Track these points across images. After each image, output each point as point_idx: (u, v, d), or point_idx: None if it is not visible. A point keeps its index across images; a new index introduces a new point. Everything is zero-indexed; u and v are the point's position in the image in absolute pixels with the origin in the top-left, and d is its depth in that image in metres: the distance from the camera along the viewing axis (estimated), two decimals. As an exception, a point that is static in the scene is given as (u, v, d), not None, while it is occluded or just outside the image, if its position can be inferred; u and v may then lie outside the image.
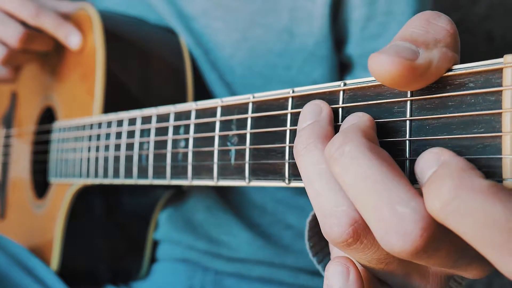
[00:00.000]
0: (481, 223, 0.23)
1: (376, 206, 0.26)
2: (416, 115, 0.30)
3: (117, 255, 0.83)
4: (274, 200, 0.85)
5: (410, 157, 0.30)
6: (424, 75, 0.28)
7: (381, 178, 0.27)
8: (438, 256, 0.27)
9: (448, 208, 0.24)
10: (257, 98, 0.41)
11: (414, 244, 0.26)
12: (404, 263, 0.32)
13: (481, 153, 0.27)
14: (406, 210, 0.26)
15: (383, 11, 0.77)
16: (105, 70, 0.72)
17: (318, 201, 0.31)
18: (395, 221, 0.26)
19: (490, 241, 0.23)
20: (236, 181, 0.42)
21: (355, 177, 0.27)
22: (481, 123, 0.27)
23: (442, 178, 0.25)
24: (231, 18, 0.82)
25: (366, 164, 0.27)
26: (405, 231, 0.26)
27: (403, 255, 0.26)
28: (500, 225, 0.23)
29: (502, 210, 0.23)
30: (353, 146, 0.28)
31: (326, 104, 0.35)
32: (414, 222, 0.25)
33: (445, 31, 0.29)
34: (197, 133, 0.47)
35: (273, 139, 0.39)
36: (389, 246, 0.26)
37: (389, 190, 0.26)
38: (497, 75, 0.27)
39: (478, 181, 0.24)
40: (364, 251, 0.30)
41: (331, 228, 0.30)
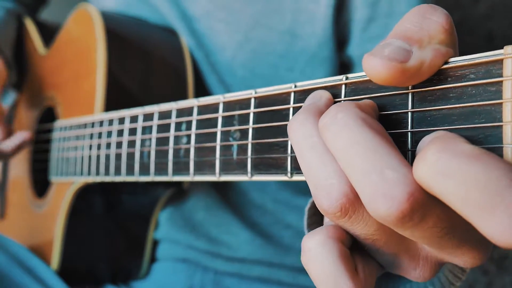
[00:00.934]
0: (462, 183, 0.24)
1: (365, 170, 0.27)
2: (417, 107, 0.31)
3: (117, 254, 0.83)
4: (274, 200, 0.85)
5: (412, 148, 0.31)
6: (416, 75, 0.29)
7: (372, 145, 0.27)
8: (424, 227, 0.28)
9: (431, 169, 0.25)
10: (259, 93, 0.42)
11: (399, 208, 0.26)
12: (392, 241, 0.32)
13: (482, 143, 0.27)
14: (394, 175, 0.26)
15: (385, 13, 0.77)
16: (106, 69, 0.73)
17: (310, 174, 0.31)
18: (382, 184, 0.26)
19: (471, 201, 0.23)
20: (238, 176, 0.43)
21: (346, 142, 0.28)
22: (482, 114, 0.28)
23: (429, 144, 0.26)
24: (233, 19, 0.82)
25: (358, 130, 0.28)
26: (392, 195, 0.26)
27: (388, 220, 0.27)
28: (480, 185, 0.23)
29: (483, 170, 0.23)
30: (346, 114, 0.29)
31: (327, 93, 0.36)
32: (401, 186, 0.26)
33: (440, 26, 0.29)
34: (199, 129, 0.47)
35: (275, 134, 0.40)
36: (375, 210, 0.27)
37: (379, 156, 0.27)
38: (498, 66, 0.27)
39: (461, 145, 0.25)
40: (353, 225, 0.31)
41: (321, 201, 0.30)
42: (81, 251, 0.80)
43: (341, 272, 0.31)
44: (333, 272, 0.31)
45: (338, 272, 0.31)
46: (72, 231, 0.77)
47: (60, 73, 0.87)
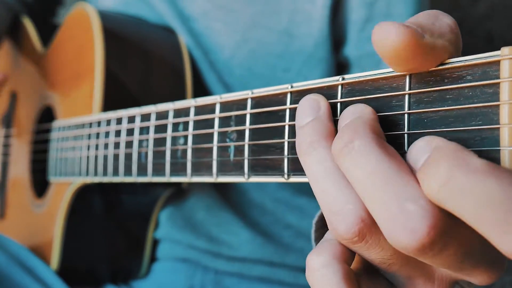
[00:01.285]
0: (478, 201, 0.23)
1: (385, 202, 0.27)
2: (414, 109, 0.30)
3: (117, 254, 0.83)
4: (273, 199, 0.85)
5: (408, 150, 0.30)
6: (425, 55, 0.28)
7: (390, 174, 0.27)
8: (445, 255, 0.27)
9: (445, 188, 0.24)
10: (256, 94, 0.41)
11: (421, 241, 0.26)
12: (407, 266, 0.32)
13: (479, 145, 0.27)
14: (414, 207, 0.26)
15: (382, 13, 0.77)
16: (104, 69, 0.73)
17: (325, 199, 0.31)
18: (403, 217, 0.26)
19: (488, 219, 0.23)
20: (236, 177, 0.42)
21: (365, 173, 0.27)
22: (479, 116, 0.27)
23: (437, 160, 0.25)
24: (231, 19, 0.82)
25: (376, 159, 0.27)
26: (413, 228, 0.26)
27: (409, 252, 0.26)
28: (497, 202, 0.23)
29: (499, 187, 0.23)
30: (362, 141, 0.28)
31: (324, 99, 0.35)
32: (422, 219, 0.26)
33: (449, 27, 0.29)
34: (196, 130, 0.47)
35: (272, 135, 0.39)
36: (396, 242, 0.26)
37: (398, 186, 0.26)
38: (495, 68, 0.27)
39: (473, 160, 0.24)
40: (369, 250, 0.31)
41: (337, 226, 0.30)
42: (81, 251, 0.80)
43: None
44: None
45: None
46: (71, 231, 0.77)
47: (58, 73, 0.87)
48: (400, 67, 0.29)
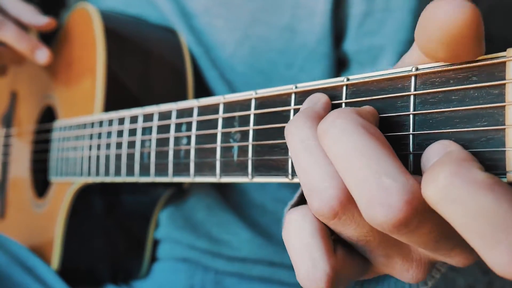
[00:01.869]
0: (470, 212, 0.23)
1: (363, 177, 0.27)
2: (419, 109, 0.31)
3: (117, 254, 0.83)
4: (274, 199, 0.85)
5: (413, 151, 0.31)
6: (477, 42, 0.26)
7: (370, 151, 0.27)
8: (420, 234, 0.28)
9: (441, 193, 0.24)
10: (259, 94, 0.41)
11: (396, 216, 0.26)
12: (385, 243, 0.32)
13: (485, 146, 0.27)
14: (392, 183, 0.26)
15: (381, 8, 0.77)
16: (106, 69, 0.73)
17: (304, 176, 0.31)
18: (380, 192, 0.26)
19: (477, 231, 0.23)
20: (239, 178, 0.42)
21: (344, 148, 0.28)
22: (485, 117, 0.28)
23: (443, 164, 0.25)
24: (233, 15, 0.82)
25: (357, 136, 0.28)
26: (389, 203, 0.26)
27: (384, 227, 0.27)
28: (487, 217, 0.23)
29: (493, 202, 0.23)
30: (345, 119, 0.29)
31: (325, 96, 0.36)
32: (398, 194, 0.26)
33: None
34: (199, 130, 0.47)
35: (276, 135, 0.39)
36: (372, 218, 0.27)
37: (377, 163, 0.27)
38: (500, 69, 0.27)
39: (475, 172, 0.24)
40: (345, 227, 0.31)
41: (312, 202, 0.30)
42: (82, 251, 0.80)
43: (318, 244, 0.31)
44: (310, 243, 0.32)
45: (315, 244, 0.31)
46: (72, 231, 0.77)
47: (59, 73, 0.87)
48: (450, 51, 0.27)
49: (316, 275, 0.31)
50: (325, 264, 0.31)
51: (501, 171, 0.26)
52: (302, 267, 0.32)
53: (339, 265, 0.32)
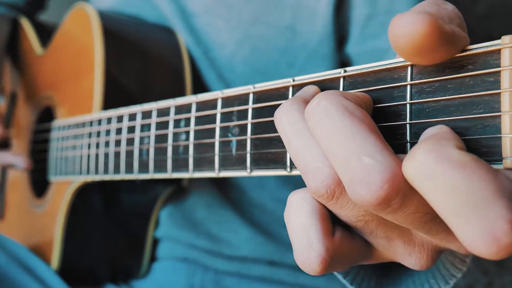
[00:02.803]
0: (443, 188, 0.24)
1: (345, 157, 0.28)
2: (416, 99, 0.31)
3: (117, 253, 0.83)
4: (273, 199, 0.85)
5: (410, 140, 0.31)
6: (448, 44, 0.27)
7: (351, 132, 0.28)
8: (405, 213, 0.28)
9: (416, 169, 0.25)
10: (257, 88, 0.42)
11: (375, 194, 0.26)
12: (383, 225, 0.33)
13: (481, 133, 0.28)
14: (371, 161, 0.27)
15: (384, 11, 0.77)
16: (104, 68, 0.73)
17: (297, 159, 0.32)
18: (360, 171, 0.27)
19: (448, 207, 0.24)
20: (238, 172, 0.43)
21: (327, 129, 0.28)
22: (481, 104, 0.28)
23: (421, 143, 0.26)
24: (233, 15, 0.82)
25: (338, 117, 0.28)
26: (368, 181, 0.26)
27: (367, 206, 0.27)
28: (459, 193, 0.24)
29: (464, 179, 0.24)
30: (328, 101, 0.29)
31: (315, 86, 0.36)
32: (377, 173, 0.26)
33: (455, 13, 0.29)
34: (198, 125, 0.47)
35: (274, 129, 0.40)
36: (354, 196, 0.27)
37: (358, 143, 0.27)
38: (495, 56, 0.27)
39: (450, 150, 0.25)
40: (342, 208, 0.32)
41: (308, 183, 0.31)
42: (81, 251, 0.80)
43: (314, 224, 0.32)
44: (307, 222, 0.32)
45: (312, 224, 0.32)
46: (72, 230, 0.77)
47: (58, 73, 0.87)
48: (424, 58, 0.28)
49: (311, 256, 0.31)
50: (320, 245, 0.31)
51: (497, 157, 0.27)
52: (298, 247, 0.32)
53: (336, 247, 0.32)
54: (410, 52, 0.27)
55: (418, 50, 0.27)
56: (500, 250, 0.23)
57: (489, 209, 0.23)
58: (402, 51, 0.27)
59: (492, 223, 0.23)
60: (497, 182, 0.24)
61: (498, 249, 0.23)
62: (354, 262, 0.35)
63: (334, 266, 0.33)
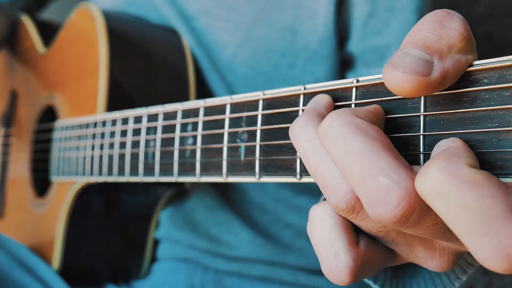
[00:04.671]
0: (455, 206, 0.24)
1: (361, 177, 0.28)
2: (430, 111, 0.31)
3: (118, 254, 0.83)
4: (274, 199, 0.85)
5: (424, 151, 0.31)
6: (439, 87, 0.29)
7: (365, 152, 0.28)
8: (424, 226, 0.29)
9: (428, 187, 0.26)
10: (267, 95, 0.42)
11: (393, 213, 0.27)
12: (404, 234, 0.34)
13: (496, 147, 0.28)
14: (386, 181, 0.27)
15: (385, 8, 0.77)
16: (108, 68, 0.73)
17: (316, 175, 0.33)
18: (376, 190, 0.27)
19: (462, 225, 0.24)
20: (246, 177, 0.43)
21: (341, 151, 0.29)
22: (496, 118, 0.28)
23: (434, 160, 0.26)
24: (234, 17, 0.82)
25: (351, 138, 0.29)
26: (385, 200, 0.27)
27: (386, 223, 0.28)
28: (471, 211, 0.24)
29: (476, 198, 0.24)
30: (340, 122, 0.30)
31: (327, 96, 0.37)
32: (393, 192, 0.27)
33: (459, 34, 0.29)
34: (206, 130, 0.47)
35: (284, 136, 0.40)
36: (373, 214, 0.28)
37: (372, 162, 0.28)
38: (511, 71, 0.28)
39: (461, 167, 0.25)
40: (363, 220, 0.32)
41: (329, 199, 0.32)
42: (82, 251, 0.80)
43: (339, 237, 0.33)
44: (332, 236, 0.33)
45: (336, 237, 0.33)
46: (73, 231, 0.77)
47: (61, 72, 0.86)
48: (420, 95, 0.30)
49: (339, 268, 0.32)
50: (346, 256, 0.32)
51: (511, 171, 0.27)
52: (325, 260, 0.33)
53: (362, 256, 0.33)
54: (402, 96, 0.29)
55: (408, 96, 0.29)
56: (511, 266, 0.23)
57: (501, 227, 0.23)
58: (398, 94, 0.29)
59: (504, 241, 0.23)
60: (508, 200, 0.24)
61: (510, 265, 0.23)
62: (379, 267, 0.36)
63: (362, 274, 0.33)
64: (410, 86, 0.28)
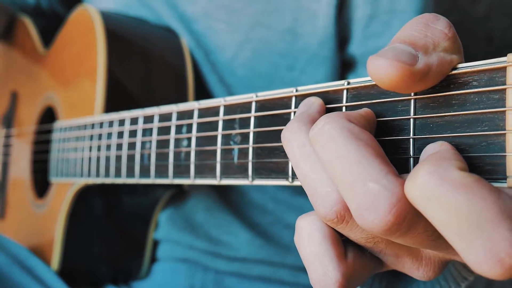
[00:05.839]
0: (446, 210, 0.24)
1: (350, 183, 0.28)
2: (420, 114, 0.31)
3: (117, 255, 0.83)
4: (274, 200, 0.85)
5: (414, 155, 0.31)
6: (423, 80, 0.28)
7: (356, 157, 0.28)
8: (414, 234, 0.28)
9: (419, 192, 0.25)
10: (260, 97, 0.41)
11: (384, 219, 0.26)
12: (392, 244, 0.33)
13: (485, 151, 0.27)
14: (376, 187, 0.27)
15: (386, 10, 0.77)
16: (106, 70, 0.73)
17: (305, 182, 0.32)
18: (366, 197, 0.27)
19: (453, 230, 0.24)
20: (239, 180, 0.43)
21: (332, 155, 0.28)
22: (485, 121, 0.28)
23: (423, 164, 0.26)
24: (234, 19, 0.82)
25: (343, 142, 0.28)
26: (375, 207, 0.26)
27: (376, 231, 0.27)
28: (462, 215, 0.23)
29: (467, 201, 0.23)
30: (332, 126, 0.29)
31: (319, 99, 0.36)
32: (384, 198, 0.26)
33: (444, 34, 0.29)
34: (200, 132, 0.47)
35: (276, 138, 0.40)
36: (362, 222, 0.27)
37: (363, 168, 0.27)
38: (501, 74, 0.27)
39: (451, 171, 0.25)
40: (352, 230, 0.32)
41: (318, 208, 0.31)
42: (82, 252, 0.80)
43: (327, 252, 0.32)
44: (320, 251, 0.32)
45: (325, 251, 0.32)
46: (72, 231, 0.77)
47: (60, 73, 0.87)
48: (402, 92, 0.30)
49: (328, 283, 0.32)
50: (335, 271, 0.32)
51: (501, 175, 0.27)
52: (314, 275, 0.32)
53: (351, 269, 0.32)
54: (386, 87, 0.28)
55: (392, 88, 0.28)
56: (505, 271, 0.23)
57: (493, 231, 0.23)
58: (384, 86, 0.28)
59: (496, 245, 0.23)
60: (500, 203, 0.23)
61: (503, 270, 0.23)
62: (368, 276, 0.35)
63: (351, 286, 0.33)
64: (394, 73, 0.27)
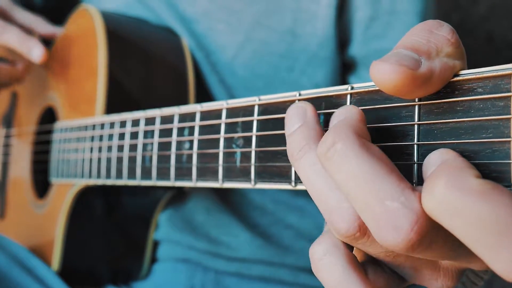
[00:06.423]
0: (469, 222, 0.23)
1: (367, 202, 0.27)
2: (424, 120, 0.31)
3: (117, 255, 0.83)
4: (274, 200, 0.85)
5: (418, 161, 0.31)
6: (426, 85, 0.28)
7: (371, 176, 0.27)
8: (435, 248, 0.28)
9: (439, 206, 0.25)
10: (263, 100, 0.41)
11: (407, 238, 0.26)
12: (411, 258, 0.33)
13: (490, 158, 0.27)
14: (395, 205, 0.26)
15: (387, 11, 0.77)
16: (107, 70, 0.72)
17: (322, 200, 0.31)
18: (386, 216, 0.26)
19: (478, 240, 0.24)
20: (242, 183, 0.42)
21: (346, 176, 0.28)
22: (490, 128, 0.28)
23: (438, 176, 0.25)
24: (234, 19, 0.82)
25: (356, 162, 0.28)
26: (396, 225, 0.26)
27: (398, 250, 0.27)
28: (488, 225, 0.23)
29: (491, 211, 0.23)
30: (343, 144, 0.28)
31: (309, 104, 0.35)
32: (404, 216, 0.26)
33: (446, 40, 0.29)
34: (202, 135, 0.47)
35: (279, 142, 0.39)
36: (384, 241, 0.27)
37: (379, 187, 0.27)
38: (506, 81, 0.27)
39: (470, 180, 0.24)
40: (372, 245, 0.31)
41: (338, 224, 0.30)
42: (82, 252, 0.80)
43: (352, 279, 0.31)
44: (344, 279, 0.31)
45: (349, 279, 0.31)
46: (72, 232, 0.77)
47: (61, 74, 0.86)
48: (405, 97, 0.29)
49: None
50: None
51: (506, 183, 0.27)
52: None
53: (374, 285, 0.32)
54: (389, 92, 0.28)
55: (395, 93, 0.28)
56: None
57: None
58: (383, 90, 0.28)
59: None
60: None
61: None
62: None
63: None
64: (397, 78, 0.27)
